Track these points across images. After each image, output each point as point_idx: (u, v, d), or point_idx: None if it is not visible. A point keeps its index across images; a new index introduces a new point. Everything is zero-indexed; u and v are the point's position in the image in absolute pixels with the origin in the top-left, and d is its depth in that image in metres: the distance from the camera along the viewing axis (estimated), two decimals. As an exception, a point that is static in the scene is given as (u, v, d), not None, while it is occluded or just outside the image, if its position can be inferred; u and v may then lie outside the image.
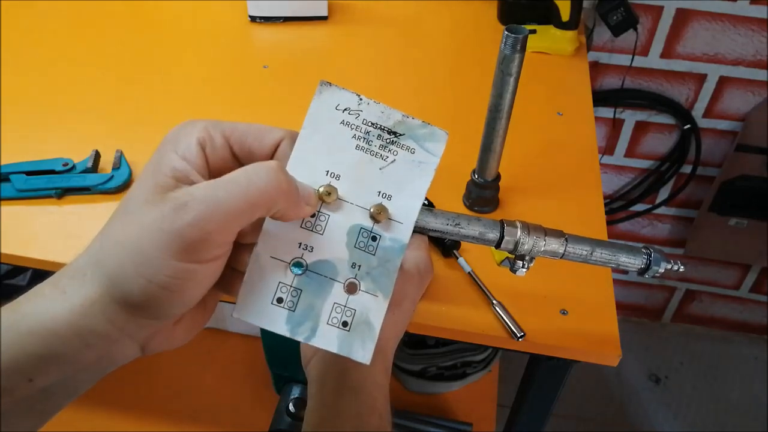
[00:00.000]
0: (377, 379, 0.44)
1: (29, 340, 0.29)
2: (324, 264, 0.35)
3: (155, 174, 0.31)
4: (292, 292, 0.34)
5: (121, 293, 0.29)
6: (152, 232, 0.29)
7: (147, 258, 0.29)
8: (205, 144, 0.33)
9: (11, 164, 0.71)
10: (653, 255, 0.43)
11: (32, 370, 0.29)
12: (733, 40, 1.15)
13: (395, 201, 0.36)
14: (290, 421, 0.96)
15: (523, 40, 0.54)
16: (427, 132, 0.38)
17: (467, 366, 1.15)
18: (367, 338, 0.35)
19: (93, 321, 0.29)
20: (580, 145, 0.80)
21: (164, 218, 0.29)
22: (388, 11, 1.06)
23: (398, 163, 0.37)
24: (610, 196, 1.43)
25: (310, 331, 0.34)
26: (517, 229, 0.39)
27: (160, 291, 0.29)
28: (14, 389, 0.28)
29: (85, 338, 0.29)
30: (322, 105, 0.38)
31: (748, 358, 1.68)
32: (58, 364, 0.29)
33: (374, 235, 0.36)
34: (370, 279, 0.35)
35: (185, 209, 0.29)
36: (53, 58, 0.92)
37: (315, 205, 0.35)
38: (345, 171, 0.36)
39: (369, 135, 0.37)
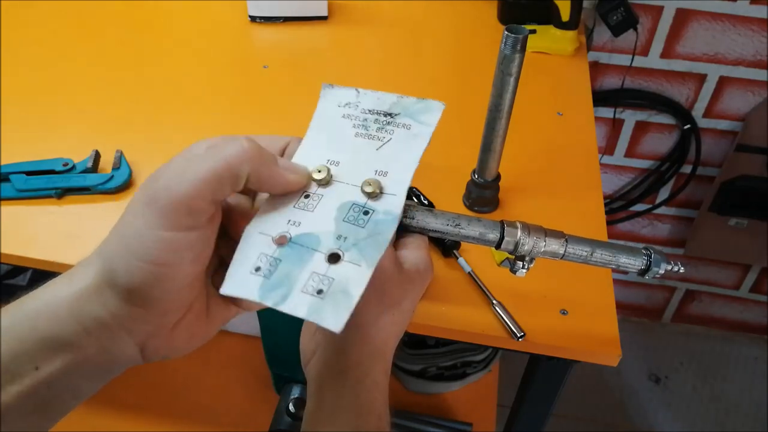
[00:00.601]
0: (376, 379, 0.44)
1: (35, 322, 0.30)
2: (308, 236, 0.34)
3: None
4: (271, 261, 0.34)
5: (111, 275, 0.31)
6: (135, 208, 0.31)
7: (132, 233, 0.31)
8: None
9: (11, 164, 0.71)
10: (653, 256, 0.43)
11: (37, 354, 0.30)
12: (733, 40, 1.15)
13: (390, 176, 0.37)
14: (290, 421, 0.96)
15: (523, 40, 0.54)
16: (422, 106, 0.39)
17: (467, 366, 1.15)
18: (342, 306, 0.32)
19: (89, 305, 0.31)
20: (580, 145, 0.80)
21: (142, 191, 0.32)
22: (388, 11, 1.06)
23: (394, 141, 0.38)
24: (610, 196, 1.42)
25: (281, 297, 0.33)
26: (518, 229, 0.39)
27: (147, 266, 0.30)
28: (22, 375, 0.30)
29: (83, 322, 0.31)
30: (326, 105, 0.39)
31: (748, 358, 1.68)
32: (60, 349, 0.30)
33: (366, 210, 0.35)
34: (357, 249, 0.34)
35: (157, 177, 0.32)
36: (53, 58, 0.92)
37: (302, 176, 0.36)
38: (344, 157, 0.37)
39: (366, 121, 0.38)
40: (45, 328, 0.30)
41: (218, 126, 0.81)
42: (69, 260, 0.62)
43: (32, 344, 0.30)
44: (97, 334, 0.31)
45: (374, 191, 0.36)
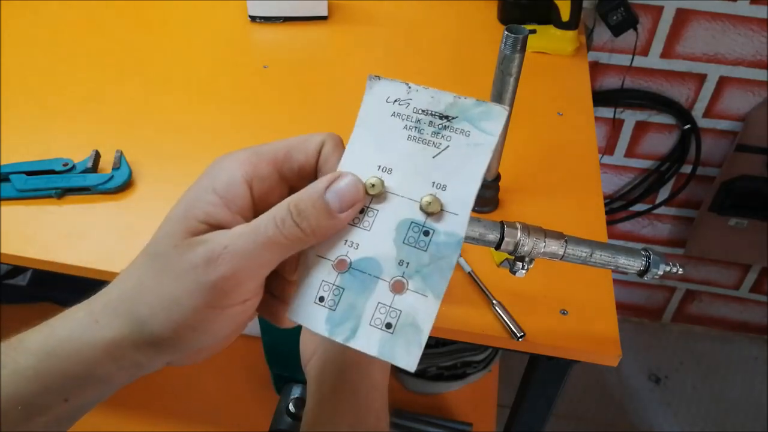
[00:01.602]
0: (375, 379, 0.44)
1: (67, 365, 0.30)
2: (368, 261, 0.33)
3: (187, 216, 0.31)
4: (334, 290, 0.33)
5: (150, 335, 0.30)
6: (185, 282, 0.30)
7: (179, 306, 0.30)
8: (252, 179, 0.33)
9: (11, 164, 0.71)
10: (652, 257, 0.43)
11: (69, 391, 0.30)
12: (733, 40, 1.15)
13: (450, 191, 0.33)
14: (290, 421, 0.96)
15: (523, 40, 0.54)
16: (482, 110, 0.34)
17: (467, 366, 1.15)
18: (413, 342, 0.32)
19: (127, 353, 0.30)
20: (580, 145, 0.80)
21: (197, 270, 0.29)
22: (388, 11, 1.06)
23: (452, 149, 0.34)
24: (610, 196, 1.42)
25: (350, 331, 0.32)
26: (517, 230, 0.39)
27: (190, 332, 0.30)
28: (51, 407, 0.30)
29: (119, 363, 0.31)
30: (373, 100, 0.35)
31: (748, 358, 1.68)
32: (94, 384, 0.31)
33: (426, 230, 0.33)
34: (420, 277, 0.32)
35: (218, 262, 0.29)
36: (53, 58, 0.92)
37: (358, 205, 0.33)
38: (397, 164, 0.34)
39: (420, 123, 0.34)
40: (80, 370, 0.30)
41: (218, 126, 0.81)
42: (69, 260, 0.62)
43: (63, 383, 0.30)
44: (132, 370, 0.31)
45: (435, 211, 0.33)
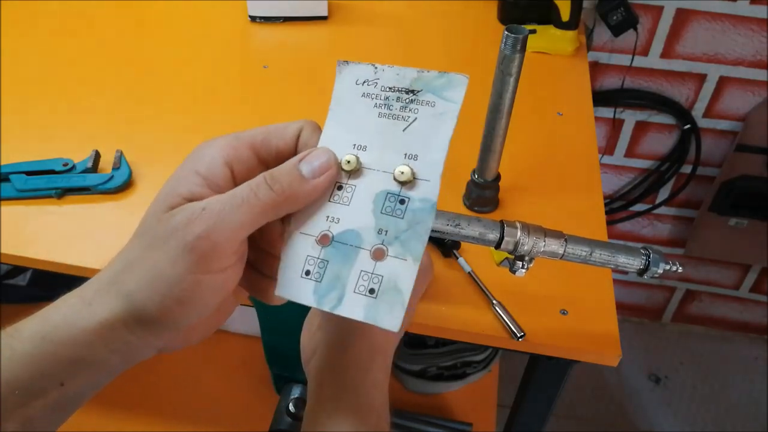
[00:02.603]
0: (376, 377, 0.44)
1: (61, 349, 0.30)
2: (349, 233, 0.35)
3: (171, 194, 0.33)
4: (319, 263, 0.35)
5: (138, 312, 0.31)
6: (167, 250, 0.31)
7: (162, 275, 0.31)
8: (232, 162, 0.34)
9: (11, 164, 0.71)
10: (652, 256, 0.43)
11: (64, 375, 0.31)
12: (733, 40, 1.15)
13: (420, 160, 0.35)
14: (290, 421, 0.96)
15: (523, 40, 0.54)
16: (444, 81, 0.36)
17: (467, 366, 1.15)
18: (396, 304, 0.33)
19: (118, 334, 0.31)
20: (580, 145, 0.80)
21: (176, 233, 0.31)
22: (388, 11, 1.06)
23: (420, 120, 0.36)
24: (610, 196, 1.42)
25: (336, 300, 0.34)
26: (517, 229, 0.39)
27: (175, 305, 0.31)
28: (47, 392, 0.30)
29: (111, 346, 0.31)
30: (343, 83, 0.38)
31: (748, 358, 1.68)
32: (87, 368, 0.31)
33: (402, 198, 0.35)
34: (399, 243, 0.34)
35: (196, 222, 0.31)
36: (53, 58, 0.92)
37: (331, 176, 0.35)
38: (370, 141, 0.36)
39: (389, 100, 0.36)
40: (73, 353, 0.31)
41: (218, 126, 0.81)
42: (69, 260, 0.63)
43: (58, 367, 0.30)
44: (123, 351, 0.32)
45: (408, 179, 0.35)
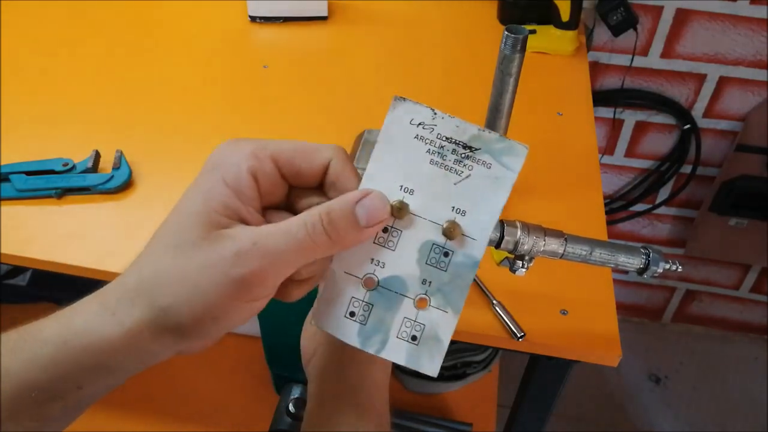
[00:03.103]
0: (376, 378, 0.44)
1: (83, 356, 0.30)
2: (394, 280, 0.36)
3: (207, 209, 0.32)
4: (364, 306, 0.36)
5: (173, 324, 0.31)
6: (212, 274, 0.30)
7: (205, 296, 0.30)
8: (257, 173, 0.33)
9: (11, 164, 0.71)
10: (652, 255, 0.43)
11: (82, 380, 0.31)
12: (733, 40, 1.15)
13: (469, 217, 0.36)
14: (290, 421, 0.96)
15: (523, 40, 0.54)
16: (504, 146, 0.37)
17: (467, 366, 1.15)
18: (435, 352, 0.36)
19: (144, 343, 0.31)
20: (580, 145, 0.80)
21: (225, 262, 0.30)
22: (388, 11, 1.06)
23: (473, 179, 0.36)
24: (610, 196, 1.42)
25: (380, 344, 0.36)
26: (517, 229, 0.39)
27: (210, 321, 0.31)
28: (65, 395, 0.30)
29: (136, 355, 0.31)
30: (396, 120, 0.36)
31: (748, 358, 1.68)
32: (108, 374, 0.31)
33: (446, 251, 0.36)
34: (441, 295, 0.36)
35: (248, 258, 0.30)
36: (53, 57, 0.92)
37: (383, 223, 0.35)
38: (419, 186, 0.36)
39: (443, 150, 0.36)
40: (95, 362, 0.30)
41: (218, 126, 0.81)
42: (69, 260, 0.63)
43: (79, 373, 0.30)
44: (147, 360, 0.32)
45: (455, 234, 0.36)
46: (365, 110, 0.84)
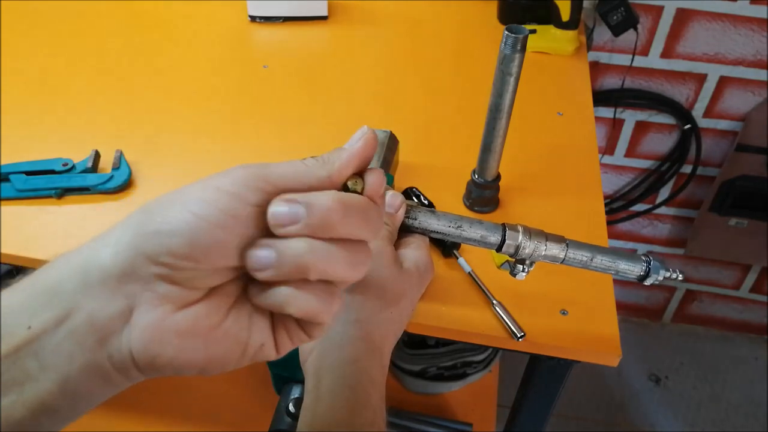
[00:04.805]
0: (373, 375, 0.44)
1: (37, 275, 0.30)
2: None
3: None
4: None
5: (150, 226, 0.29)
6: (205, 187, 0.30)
7: (199, 204, 0.29)
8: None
9: (11, 164, 0.71)
10: (652, 263, 0.43)
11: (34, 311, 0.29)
12: (733, 40, 1.15)
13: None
14: (290, 421, 0.96)
15: (523, 40, 0.54)
16: None
17: (467, 366, 1.15)
18: None
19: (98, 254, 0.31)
20: (580, 145, 0.80)
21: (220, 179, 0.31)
22: (388, 11, 1.06)
23: None
24: (610, 196, 1.42)
25: None
26: (519, 233, 0.39)
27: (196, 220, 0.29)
28: (14, 334, 0.28)
29: (88, 277, 0.30)
30: None
31: (748, 358, 1.68)
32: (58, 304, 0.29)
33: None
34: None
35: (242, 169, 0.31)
36: (53, 58, 0.92)
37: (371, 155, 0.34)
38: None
39: None
40: (46, 278, 0.30)
41: (218, 126, 0.81)
42: (69, 260, 0.62)
43: (32, 296, 0.29)
44: (100, 290, 0.29)
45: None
46: (365, 110, 0.84)
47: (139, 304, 0.29)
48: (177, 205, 0.29)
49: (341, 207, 0.30)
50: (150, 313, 0.29)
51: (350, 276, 0.31)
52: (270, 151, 0.77)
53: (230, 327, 0.31)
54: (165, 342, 0.29)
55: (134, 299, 0.29)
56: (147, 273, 0.29)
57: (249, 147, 0.78)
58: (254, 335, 0.31)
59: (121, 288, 0.29)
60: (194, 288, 0.30)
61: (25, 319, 0.28)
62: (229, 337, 0.30)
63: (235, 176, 0.30)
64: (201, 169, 0.74)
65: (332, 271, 0.30)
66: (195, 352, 0.30)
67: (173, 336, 0.29)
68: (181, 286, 0.29)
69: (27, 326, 0.28)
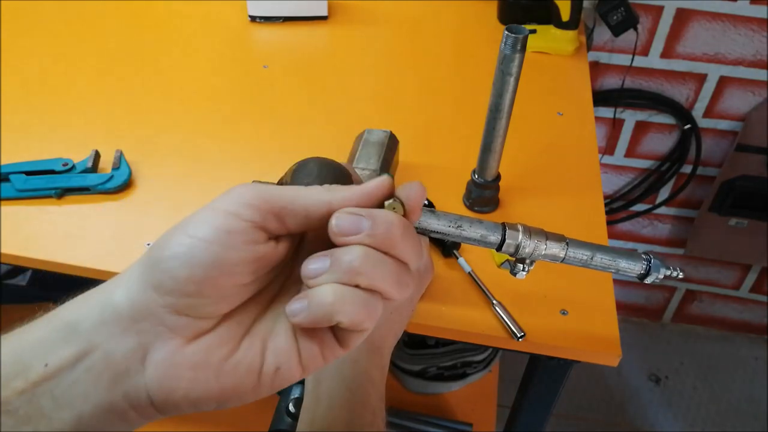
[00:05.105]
0: (372, 375, 0.44)
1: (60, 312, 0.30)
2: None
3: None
4: None
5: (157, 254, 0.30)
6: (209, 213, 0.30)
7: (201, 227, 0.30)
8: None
9: (11, 164, 0.71)
10: (653, 261, 0.43)
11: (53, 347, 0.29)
12: (733, 40, 1.15)
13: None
14: (290, 421, 0.96)
15: (523, 40, 0.54)
16: None
17: (467, 366, 1.15)
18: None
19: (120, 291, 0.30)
20: (580, 145, 0.80)
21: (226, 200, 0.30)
22: (388, 11, 1.06)
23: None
24: (610, 196, 1.42)
25: None
26: (519, 232, 0.39)
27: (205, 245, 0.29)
28: (30, 369, 0.28)
29: (104, 314, 0.30)
30: None
31: (748, 358, 1.68)
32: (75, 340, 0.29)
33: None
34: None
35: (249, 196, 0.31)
36: (53, 58, 0.92)
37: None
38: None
39: None
40: (65, 315, 0.30)
41: (218, 126, 0.81)
42: (69, 260, 0.62)
43: (50, 332, 0.29)
44: (114, 327, 0.29)
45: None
46: (365, 110, 0.84)
47: (153, 340, 0.29)
48: (177, 231, 0.30)
49: (402, 224, 0.31)
50: (162, 348, 0.29)
51: (395, 293, 0.31)
52: (270, 151, 0.77)
53: (242, 357, 0.30)
54: (178, 376, 0.29)
55: (147, 336, 0.29)
56: (156, 306, 0.29)
57: (249, 147, 0.78)
58: (268, 360, 0.31)
59: (134, 326, 0.29)
60: (203, 317, 0.30)
61: (42, 356, 0.28)
62: (241, 367, 0.30)
63: (232, 195, 0.30)
64: (201, 168, 0.74)
65: (381, 282, 0.30)
66: (208, 384, 0.30)
67: (186, 369, 0.29)
68: (189, 316, 0.29)
69: (44, 363, 0.28)
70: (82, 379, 0.29)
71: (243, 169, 0.74)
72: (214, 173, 0.73)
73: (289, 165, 0.44)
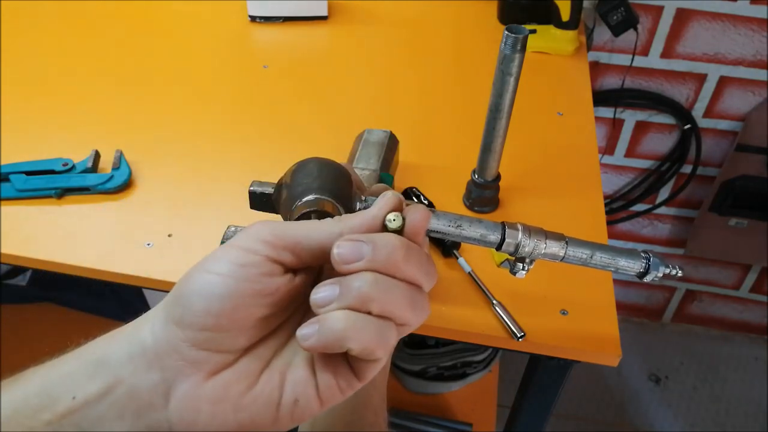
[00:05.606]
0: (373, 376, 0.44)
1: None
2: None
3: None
4: None
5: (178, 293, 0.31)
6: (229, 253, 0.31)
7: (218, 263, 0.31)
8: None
9: (11, 164, 0.71)
10: (652, 259, 0.43)
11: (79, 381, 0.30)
12: (733, 40, 1.15)
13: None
14: (290, 421, 0.96)
15: (523, 40, 0.54)
16: None
17: (467, 366, 1.15)
18: None
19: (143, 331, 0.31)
20: (580, 145, 0.80)
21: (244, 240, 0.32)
22: (388, 11, 1.06)
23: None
24: (610, 196, 1.42)
25: None
26: (519, 231, 0.39)
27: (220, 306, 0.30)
28: (59, 401, 0.29)
29: (132, 351, 0.31)
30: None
31: (748, 358, 1.68)
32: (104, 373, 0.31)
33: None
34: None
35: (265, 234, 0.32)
36: (53, 57, 0.92)
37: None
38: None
39: None
40: (95, 350, 0.31)
41: (218, 126, 0.81)
42: (69, 260, 0.62)
43: (79, 367, 0.30)
44: (137, 364, 0.30)
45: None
46: (365, 110, 0.84)
47: (175, 375, 0.30)
48: (197, 269, 0.31)
49: (404, 246, 0.30)
50: (184, 383, 0.30)
51: (410, 317, 0.31)
52: (269, 151, 0.77)
53: (261, 390, 0.31)
54: (199, 410, 0.30)
55: (170, 371, 0.30)
56: (178, 341, 0.30)
57: (249, 147, 0.78)
58: (287, 392, 0.31)
59: (158, 361, 0.30)
60: (223, 351, 0.30)
61: (70, 389, 0.29)
62: (260, 400, 0.31)
63: (249, 232, 0.31)
64: (201, 168, 0.74)
65: (393, 307, 0.30)
66: (226, 418, 0.30)
67: (206, 404, 0.30)
68: (210, 351, 0.30)
69: (72, 396, 0.29)
70: (108, 412, 0.29)
71: (243, 169, 0.74)
72: (214, 173, 0.73)
73: (289, 165, 0.44)
